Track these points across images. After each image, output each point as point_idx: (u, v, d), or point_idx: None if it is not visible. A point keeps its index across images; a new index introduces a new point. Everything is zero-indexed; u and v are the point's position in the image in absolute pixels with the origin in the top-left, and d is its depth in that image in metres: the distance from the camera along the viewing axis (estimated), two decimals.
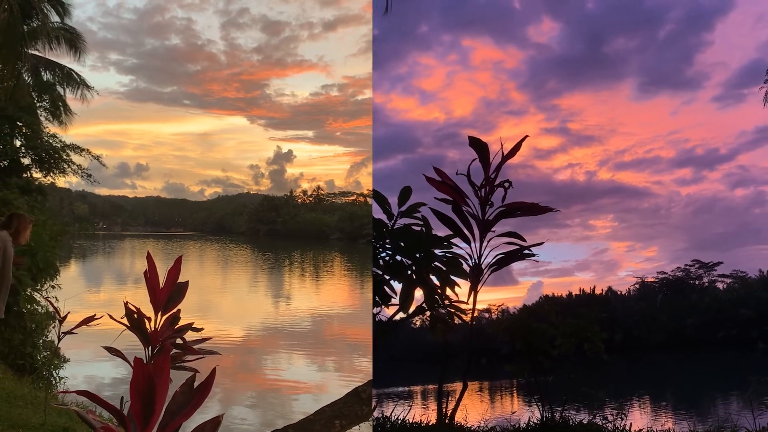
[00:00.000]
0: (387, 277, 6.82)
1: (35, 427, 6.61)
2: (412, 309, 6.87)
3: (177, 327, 4.73)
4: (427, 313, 7.04)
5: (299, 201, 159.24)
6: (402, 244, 6.86)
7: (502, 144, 6.54)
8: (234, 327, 24.28)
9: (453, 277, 6.80)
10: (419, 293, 6.85)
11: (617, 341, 20.25)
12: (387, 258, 6.90)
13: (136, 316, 4.74)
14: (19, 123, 20.94)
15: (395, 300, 6.79)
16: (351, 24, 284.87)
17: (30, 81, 21.33)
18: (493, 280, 6.85)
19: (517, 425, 7.89)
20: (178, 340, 4.79)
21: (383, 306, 6.86)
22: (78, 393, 2.98)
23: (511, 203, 6.59)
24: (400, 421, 7.51)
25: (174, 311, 4.64)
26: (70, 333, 6.67)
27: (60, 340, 6.80)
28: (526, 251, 6.67)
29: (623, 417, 7.72)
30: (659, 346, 20.78)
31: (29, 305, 12.34)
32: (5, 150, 20.51)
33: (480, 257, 6.66)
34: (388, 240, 6.87)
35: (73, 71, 23.08)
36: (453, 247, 6.81)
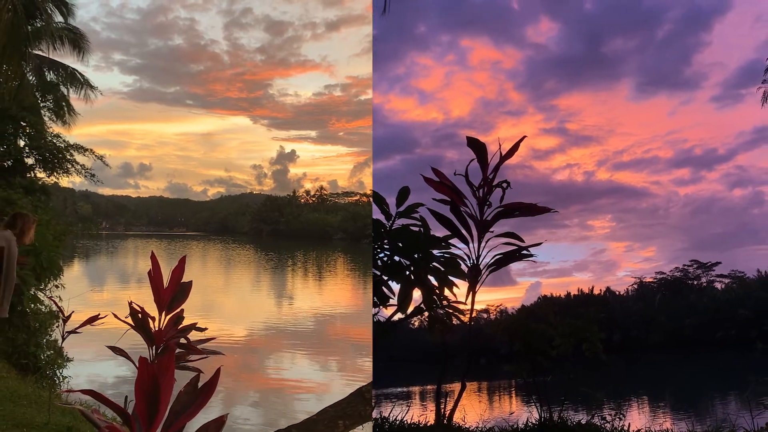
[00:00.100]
0: (385, 278, 6.82)
1: (39, 426, 6.62)
2: (410, 309, 6.81)
3: (181, 327, 4.75)
4: (426, 314, 7.02)
5: (302, 201, 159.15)
6: (400, 244, 6.81)
7: (500, 144, 6.49)
8: (237, 327, 24.28)
9: (451, 278, 6.73)
10: (417, 294, 6.80)
11: (615, 341, 20.20)
12: (385, 258, 6.87)
13: (140, 315, 4.76)
14: (23, 123, 20.99)
15: (394, 300, 6.80)
16: (354, 24, 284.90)
17: (34, 81, 21.38)
18: (492, 280, 6.80)
19: (516, 425, 7.85)
20: (181, 339, 4.82)
21: (381, 306, 6.87)
22: (83, 392, 2.99)
23: (510, 204, 6.52)
24: (398, 422, 7.46)
25: (178, 311, 4.66)
26: (74, 332, 6.68)
27: (64, 339, 6.82)
28: (524, 252, 6.60)
29: (622, 417, 7.67)
30: (657, 346, 20.74)
31: (33, 305, 12.37)
32: (9, 150, 20.56)
33: (478, 258, 6.58)
34: (386, 240, 6.88)
35: (77, 71, 23.14)
36: (451, 248, 6.74)
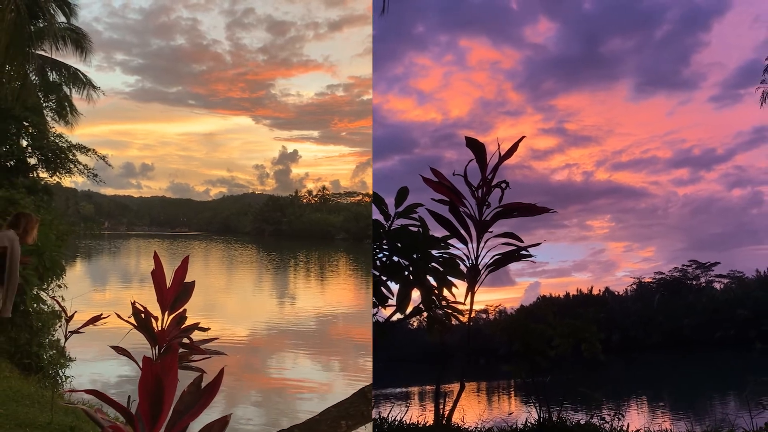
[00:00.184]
0: (384, 278, 6.82)
1: (42, 426, 6.62)
2: (409, 310, 6.80)
3: (183, 327, 4.75)
4: (425, 314, 7.00)
5: (304, 201, 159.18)
6: (399, 245, 6.79)
7: (499, 144, 6.46)
8: (239, 327, 24.30)
9: (450, 278, 6.71)
10: (416, 294, 6.77)
11: (614, 341, 20.19)
12: (384, 259, 6.84)
13: (143, 315, 4.76)
14: (26, 123, 21.01)
15: (393, 301, 6.79)
16: (356, 24, 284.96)
17: (36, 81, 21.41)
18: (491, 280, 6.77)
19: (515, 426, 7.84)
20: (184, 339, 4.82)
21: (380, 307, 6.87)
22: (87, 392, 3.00)
23: (508, 204, 6.49)
24: (397, 422, 7.45)
25: (181, 311, 4.66)
26: (77, 332, 6.69)
27: (67, 339, 6.83)
28: (523, 252, 6.56)
29: (620, 417, 7.67)
30: (656, 346, 20.69)
31: (36, 304, 12.39)
32: (12, 150, 20.59)
33: (477, 258, 6.55)
34: (384, 241, 6.88)
35: (79, 71, 23.12)
36: (450, 248, 6.72)
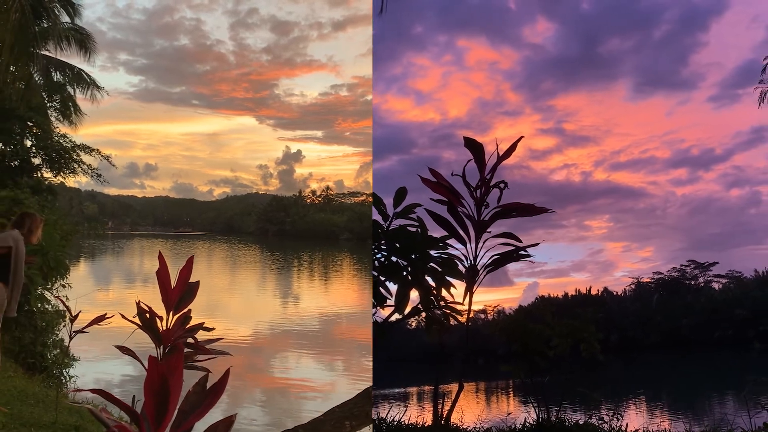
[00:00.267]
0: (382, 279, 6.79)
1: (47, 426, 6.61)
2: (407, 310, 6.79)
3: (188, 327, 4.76)
4: (423, 315, 6.98)
5: (308, 201, 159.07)
6: (397, 245, 6.77)
7: (497, 145, 6.44)
8: (242, 327, 24.32)
9: (448, 278, 6.70)
10: (415, 294, 6.76)
11: (613, 341, 20.12)
12: (382, 259, 6.83)
13: (148, 315, 4.77)
14: (30, 123, 21.04)
15: (391, 301, 6.79)
16: (360, 24, 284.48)
17: (41, 81, 21.46)
18: (489, 281, 6.76)
19: (513, 426, 7.81)
20: (189, 339, 4.83)
21: (379, 307, 6.87)
22: (92, 391, 2.99)
23: (507, 204, 6.50)
24: (396, 423, 7.42)
25: (185, 311, 4.66)
26: (81, 332, 6.70)
27: (71, 338, 6.84)
28: (521, 252, 6.57)
29: (619, 417, 7.64)
30: (655, 346, 20.61)
31: (40, 304, 12.42)
32: (16, 150, 20.62)
33: (475, 258, 6.55)
34: (383, 241, 6.87)
35: (83, 71, 23.13)
36: (448, 248, 6.72)
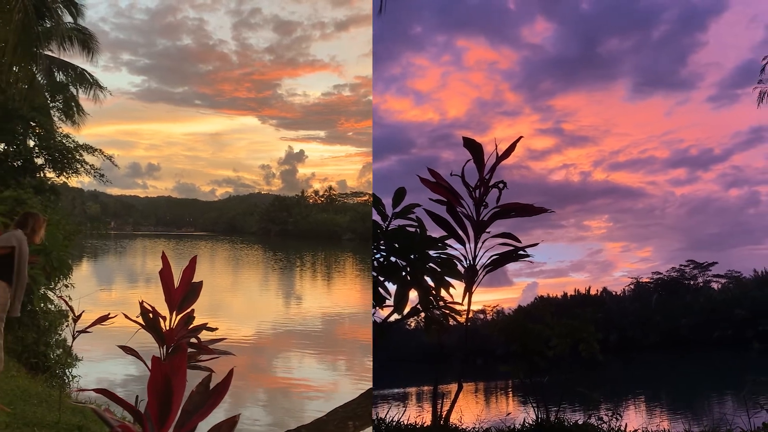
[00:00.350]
0: (381, 279, 6.76)
1: (50, 425, 6.61)
2: (407, 310, 6.74)
3: (191, 327, 4.77)
4: (422, 315, 6.97)
5: (311, 201, 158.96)
6: (396, 245, 6.72)
7: (496, 145, 6.37)
8: (245, 327, 24.33)
9: (447, 279, 6.66)
10: (414, 294, 6.71)
11: (612, 341, 20.09)
12: (381, 259, 6.79)
13: (151, 315, 4.78)
14: (33, 123, 21.09)
15: (390, 301, 6.77)
16: (362, 24, 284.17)
17: (43, 81, 21.50)
18: (488, 281, 6.70)
19: (512, 426, 7.80)
20: (192, 339, 4.84)
21: (378, 308, 6.88)
22: (96, 391, 2.99)
23: (506, 204, 6.45)
24: (395, 423, 7.41)
25: (188, 311, 4.68)
26: (84, 332, 6.72)
27: (75, 338, 6.85)
28: (520, 252, 6.52)
29: (618, 417, 7.62)
30: (654, 346, 20.57)
31: (43, 304, 12.45)
32: (19, 150, 20.68)
33: (474, 258, 6.50)
34: (382, 241, 6.87)
35: (86, 72, 23.13)
36: (447, 248, 6.67)
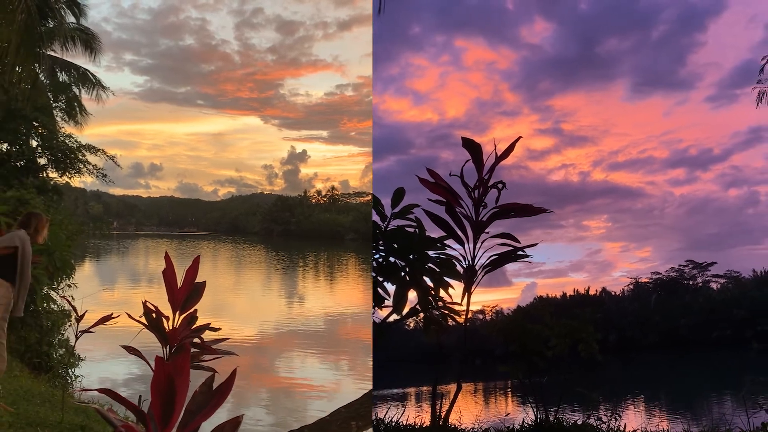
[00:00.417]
0: (380, 279, 6.73)
1: (53, 425, 6.60)
2: (406, 311, 6.73)
3: (194, 327, 4.78)
4: (421, 315, 6.91)
5: (313, 201, 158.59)
6: (395, 245, 6.71)
7: (495, 145, 6.35)
8: (247, 327, 24.33)
9: (446, 279, 6.66)
10: (413, 295, 6.71)
11: (611, 342, 20.04)
12: (380, 260, 6.77)
13: (154, 315, 4.79)
14: (36, 123, 21.15)
15: (389, 301, 6.71)
16: (365, 23, 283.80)
17: (46, 82, 21.55)
18: (487, 281, 6.66)
19: (511, 426, 7.78)
20: (195, 339, 4.84)
21: (377, 308, 6.87)
22: (100, 391, 2.99)
23: (505, 204, 6.44)
24: (394, 423, 7.39)
25: (192, 311, 4.68)
26: (87, 332, 6.72)
27: (77, 338, 6.86)
28: (519, 252, 6.51)
29: (617, 417, 7.61)
30: (653, 346, 20.49)
31: (46, 304, 12.46)
32: (22, 150, 20.73)
33: (473, 258, 6.49)
34: (381, 242, 6.85)
35: (89, 72, 23.17)
36: (446, 249, 6.67)
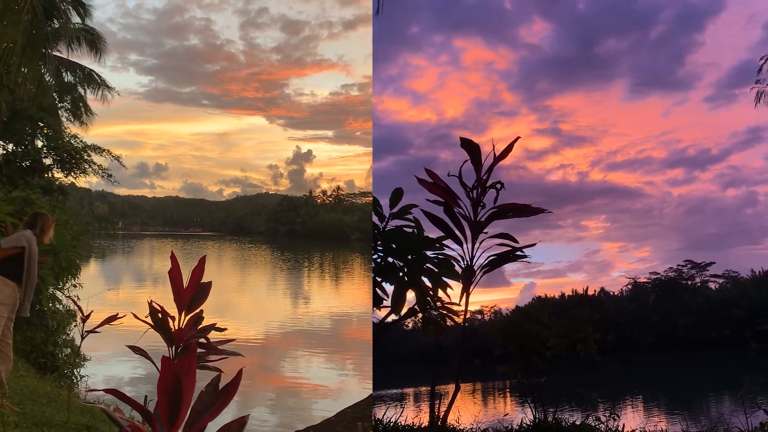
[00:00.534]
0: (379, 279, 6.71)
1: (59, 425, 6.61)
2: (404, 311, 6.70)
3: (200, 327, 4.78)
4: (420, 315, 6.89)
5: (319, 201, 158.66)
6: (393, 246, 6.68)
7: (494, 145, 6.29)
8: (252, 327, 24.38)
9: (445, 279, 6.62)
10: (412, 295, 6.67)
11: (610, 342, 19.99)
12: (378, 260, 6.75)
13: (160, 315, 4.79)
14: (41, 124, 21.26)
15: (388, 302, 6.71)
16: (370, 23, 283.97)
17: (52, 82, 21.64)
18: (486, 281, 6.60)
19: (510, 427, 7.75)
20: (201, 339, 4.85)
21: (375, 308, 6.89)
22: (105, 391, 2.99)
23: (503, 204, 6.40)
24: (393, 423, 7.36)
25: (197, 311, 4.68)
26: (93, 332, 6.74)
27: (83, 338, 6.89)
28: (518, 252, 6.47)
29: (616, 417, 7.57)
30: (652, 346, 20.43)
31: (51, 304, 12.51)
32: (27, 150, 20.82)
33: (472, 259, 6.45)
34: (379, 242, 6.86)
35: (94, 72, 23.26)
36: (445, 249, 6.64)
